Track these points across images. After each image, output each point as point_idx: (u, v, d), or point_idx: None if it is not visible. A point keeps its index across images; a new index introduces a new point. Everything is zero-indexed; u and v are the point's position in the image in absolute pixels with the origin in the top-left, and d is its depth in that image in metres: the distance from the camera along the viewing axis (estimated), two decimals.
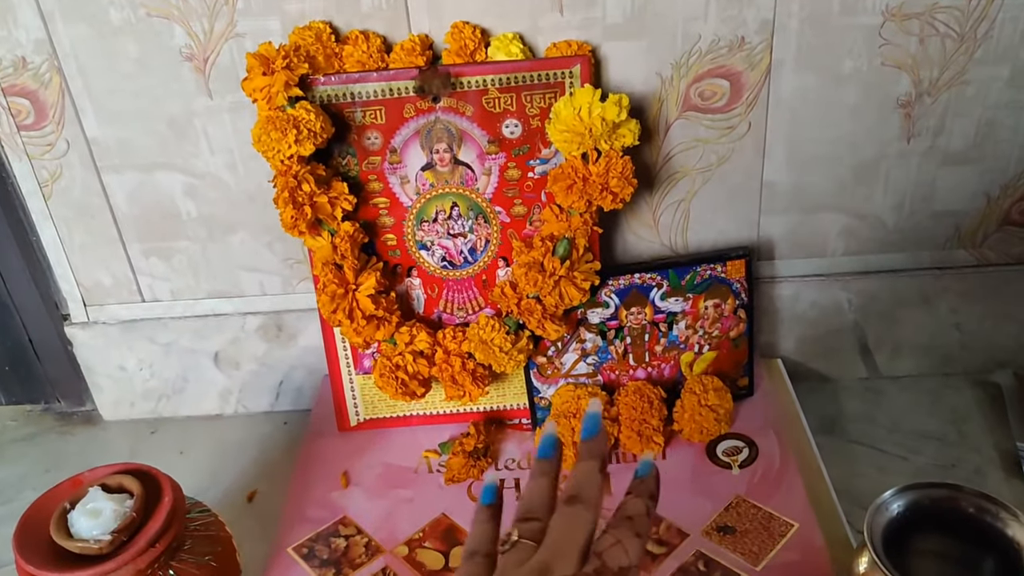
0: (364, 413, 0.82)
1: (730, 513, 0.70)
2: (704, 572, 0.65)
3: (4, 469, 0.88)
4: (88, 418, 0.94)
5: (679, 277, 0.76)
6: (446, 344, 0.75)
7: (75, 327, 0.88)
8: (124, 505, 0.59)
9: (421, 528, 0.72)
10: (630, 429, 0.75)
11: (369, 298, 0.72)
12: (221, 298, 0.86)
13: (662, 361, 0.79)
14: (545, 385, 0.79)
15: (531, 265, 0.71)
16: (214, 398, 0.91)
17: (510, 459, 0.78)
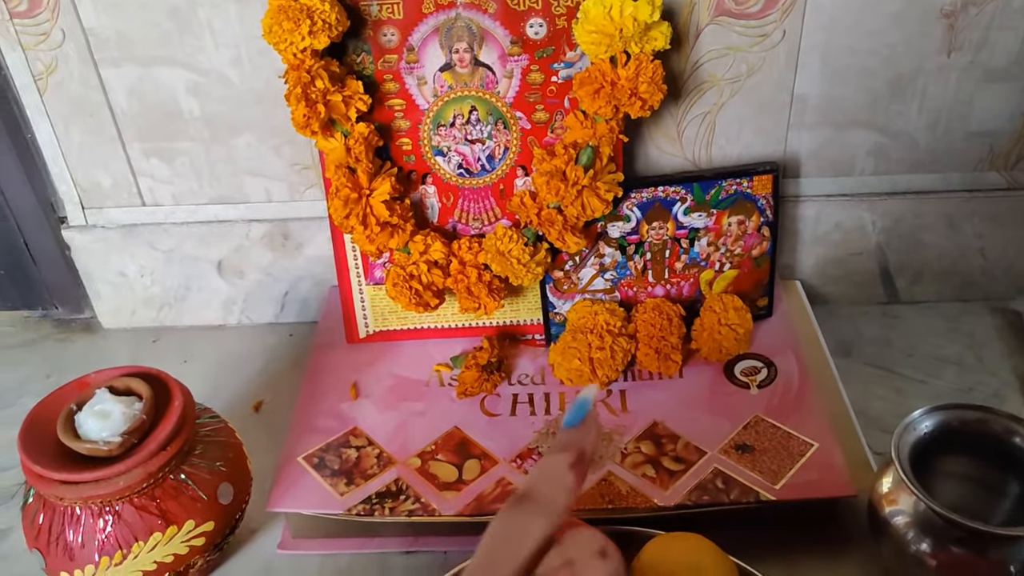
0: (374, 325, 0.79)
1: (748, 432, 0.69)
2: (722, 489, 0.64)
3: (3, 374, 0.86)
4: (87, 326, 0.92)
5: (704, 192, 0.74)
6: (461, 255, 0.73)
7: (73, 231, 0.85)
8: (133, 408, 0.57)
9: (433, 441, 0.70)
10: (648, 346, 0.74)
11: (383, 204, 0.69)
12: (225, 204, 0.83)
13: (682, 279, 0.77)
14: (561, 300, 0.77)
15: (553, 173, 0.68)
16: (217, 308, 0.89)
17: (523, 374, 0.77)
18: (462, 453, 0.69)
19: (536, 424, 0.71)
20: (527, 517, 0.35)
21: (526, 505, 0.36)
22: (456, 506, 0.65)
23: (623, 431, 0.70)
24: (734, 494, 0.64)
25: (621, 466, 0.67)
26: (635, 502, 0.64)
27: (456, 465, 0.68)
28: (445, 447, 0.70)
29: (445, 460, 0.69)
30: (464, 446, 0.70)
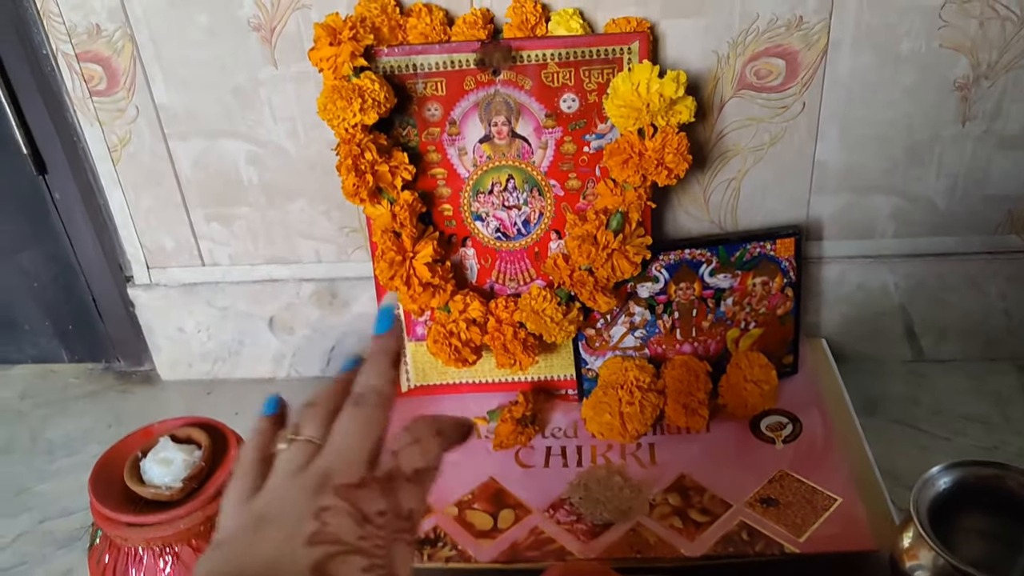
0: (415, 379, 0.84)
1: (773, 486, 0.72)
2: (748, 541, 0.67)
3: (69, 423, 0.92)
4: (147, 378, 0.98)
5: (729, 254, 0.77)
6: (498, 313, 0.77)
7: (138, 289, 0.91)
8: (193, 455, 0.62)
9: (471, 490, 0.74)
10: (676, 402, 0.77)
11: (426, 266, 0.74)
12: (278, 264, 0.89)
13: (708, 337, 0.81)
14: (593, 357, 0.81)
15: (584, 238, 0.73)
16: (268, 362, 0.94)
17: (557, 427, 0.80)
18: (497, 503, 0.72)
19: (568, 475, 0.75)
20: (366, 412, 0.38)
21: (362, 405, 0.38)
22: (491, 553, 0.68)
23: (652, 483, 0.73)
24: (759, 546, 0.66)
25: (649, 517, 0.70)
26: (663, 552, 0.66)
27: (492, 514, 0.71)
28: (481, 497, 0.73)
29: (481, 509, 0.72)
30: (499, 496, 0.73)
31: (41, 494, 0.83)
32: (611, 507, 0.71)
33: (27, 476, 0.85)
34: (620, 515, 0.70)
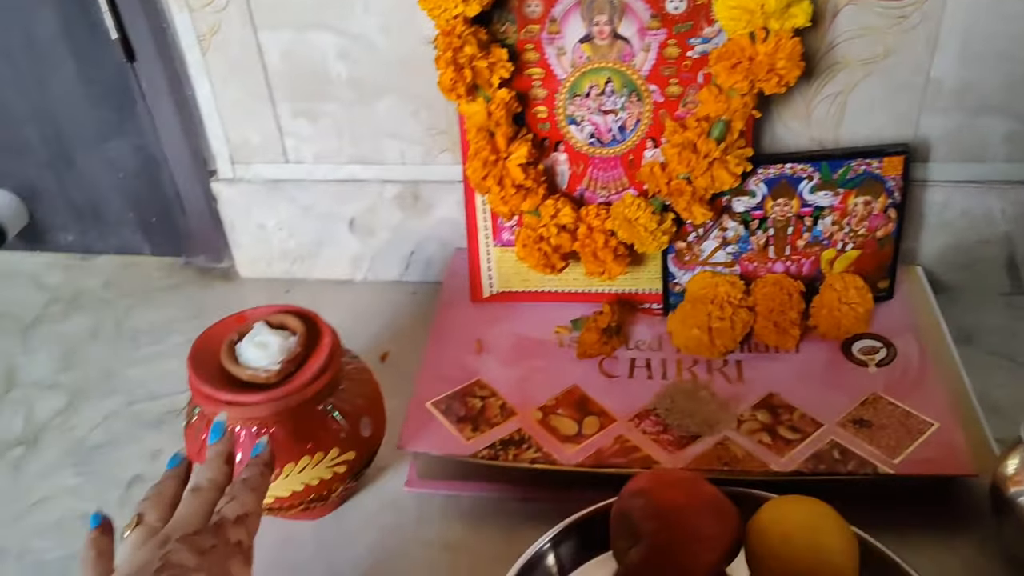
0: (498, 285, 0.83)
1: (866, 408, 0.70)
2: (839, 460, 0.66)
3: (152, 314, 0.93)
4: (226, 274, 0.98)
5: (832, 170, 0.74)
6: (589, 220, 0.76)
7: (221, 183, 0.91)
8: (288, 340, 0.62)
9: (554, 396, 0.73)
10: (767, 320, 0.75)
11: (519, 167, 0.72)
12: (362, 164, 0.87)
13: (802, 256, 0.78)
14: (681, 271, 0.79)
15: (685, 145, 0.71)
16: (346, 263, 0.94)
17: (641, 340, 0.79)
18: (582, 409, 0.72)
19: (653, 387, 0.74)
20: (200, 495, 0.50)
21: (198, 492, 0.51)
22: (576, 458, 0.68)
23: (739, 399, 0.72)
24: (851, 465, 0.65)
25: (737, 432, 0.69)
26: (751, 466, 0.66)
27: (576, 420, 0.71)
28: (565, 403, 0.73)
29: (565, 415, 0.72)
30: (583, 403, 0.73)
31: (128, 378, 0.85)
32: (698, 419, 0.70)
33: (114, 361, 0.87)
34: (707, 428, 0.69)
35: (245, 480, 0.52)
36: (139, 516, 0.50)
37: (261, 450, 0.55)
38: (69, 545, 0.69)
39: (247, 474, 0.53)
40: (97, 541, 0.50)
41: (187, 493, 0.51)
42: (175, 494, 0.52)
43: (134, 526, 0.49)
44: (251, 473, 0.53)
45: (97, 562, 0.49)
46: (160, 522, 0.50)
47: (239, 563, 0.47)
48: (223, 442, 0.55)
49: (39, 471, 0.76)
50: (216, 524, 0.48)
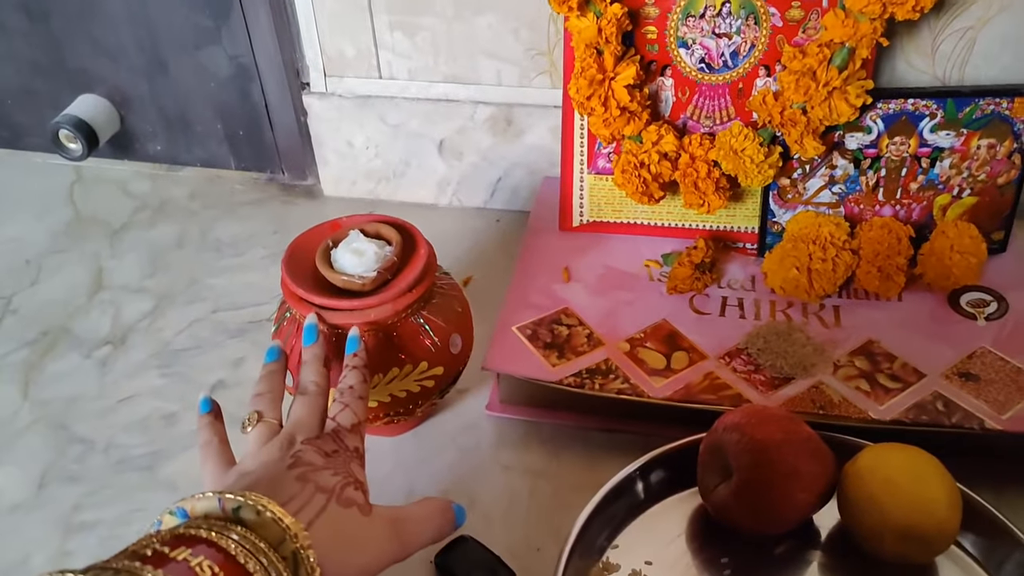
0: (588, 215, 0.81)
1: (973, 362, 0.67)
2: (943, 412, 0.63)
3: (236, 226, 0.94)
4: (309, 192, 0.98)
5: (957, 109, 0.70)
6: (692, 150, 0.73)
7: (312, 96, 0.90)
8: (384, 249, 0.61)
9: (642, 329, 0.71)
10: (871, 264, 0.72)
11: (625, 89, 0.69)
12: (456, 83, 0.85)
13: (914, 200, 0.74)
14: (782, 210, 0.76)
15: (804, 72, 0.67)
16: (432, 187, 0.93)
17: (733, 279, 0.76)
18: (670, 344, 0.70)
19: (745, 327, 0.71)
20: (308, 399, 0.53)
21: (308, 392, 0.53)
22: (664, 391, 0.66)
23: (836, 345, 0.69)
24: (956, 418, 0.62)
25: (833, 376, 0.66)
26: (847, 412, 0.63)
27: (664, 354, 0.69)
28: (654, 336, 0.71)
29: (654, 348, 0.70)
30: (673, 338, 0.71)
31: (212, 287, 0.85)
32: (792, 361, 0.68)
33: (199, 269, 0.88)
34: (801, 370, 0.67)
35: (352, 388, 0.53)
36: (258, 413, 0.52)
37: (356, 348, 0.56)
38: (153, 442, 0.70)
39: (352, 381, 0.54)
40: (214, 426, 0.54)
41: (297, 396, 0.53)
42: (282, 388, 0.55)
43: (255, 423, 0.51)
44: (355, 380, 0.54)
45: (221, 449, 0.52)
46: (277, 421, 0.52)
47: (357, 466, 0.50)
48: (318, 345, 0.57)
49: (125, 370, 0.77)
50: (335, 431, 0.51)
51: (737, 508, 0.57)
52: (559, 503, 0.64)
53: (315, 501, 0.45)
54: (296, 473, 0.46)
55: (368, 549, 0.46)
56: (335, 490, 0.46)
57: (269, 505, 0.42)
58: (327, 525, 0.44)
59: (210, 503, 0.42)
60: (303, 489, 0.45)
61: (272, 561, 0.40)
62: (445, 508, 0.52)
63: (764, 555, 0.58)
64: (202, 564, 0.38)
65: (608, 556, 0.58)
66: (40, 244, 0.92)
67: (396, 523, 0.49)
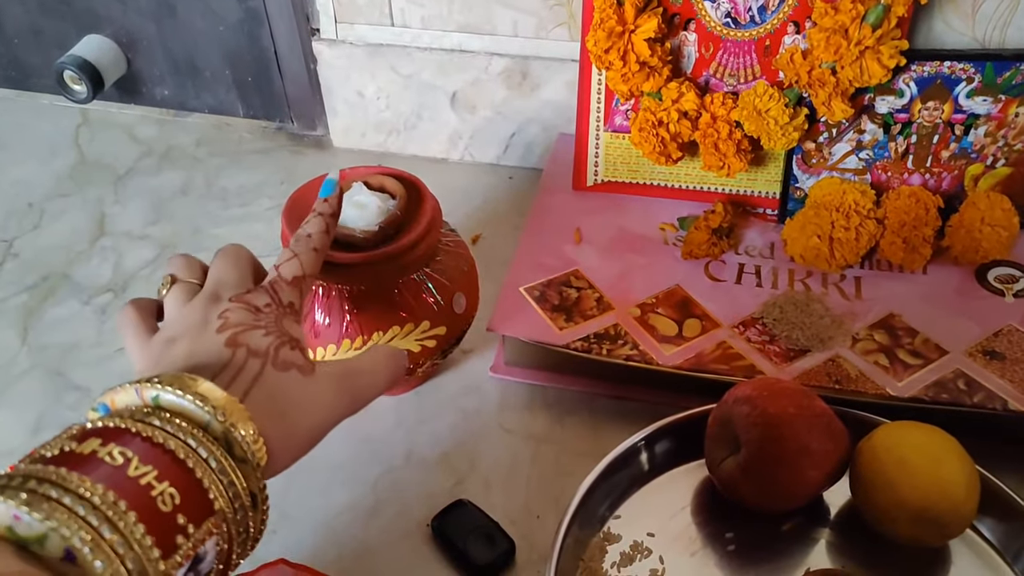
0: (603, 174, 0.78)
1: (999, 340, 0.64)
2: (965, 391, 0.60)
3: (242, 176, 0.91)
4: (318, 143, 0.96)
5: (996, 73, 0.66)
6: (714, 109, 0.69)
7: (323, 43, 0.87)
8: (387, 203, 0.59)
9: (654, 295, 0.69)
10: (896, 235, 0.69)
11: (646, 42, 0.66)
12: (471, 33, 0.82)
13: (944, 169, 0.71)
14: (805, 175, 0.73)
15: (835, 29, 0.63)
16: (443, 141, 0.90)
17: (751, 246, 0.74)
18: (683, 311, 0.68)
19: (762, 296, 0.69)
20: None
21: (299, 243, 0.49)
22: (675, 359, 0.63)
23: (855, 317, 0.67)
24: (978, 397, 0.59)
25: (851, 350, 0.64)
26: (865, 387, 0.61)
27: (676, 321, 0.67)
28: (666, 302, 0.68)
29: (665, 315, 0.67)
30: (685, 304, 0.68)
31: (216, 236, 0.83)
32: (808, 333, 0.65)
33: (203, 218, 0.86)
34: (818, 343, 0.64)
35: (309, 236, 0.49)
36: (171, 276, 0.47)
37: (330, 191, 0.51)
38: None
39: (311, 228, 0.49)
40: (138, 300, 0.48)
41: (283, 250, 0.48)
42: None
43: (169, 285, 0.47)
44: (315, 228, 0.49)
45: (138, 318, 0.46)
46: (197, 280, 0.47)
47: (293, 324, 0.45)
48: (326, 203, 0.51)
49: None
50: (271, 282, 0.46)
51: (744, 483, 0.55)
52: (561, 470, 0.62)
53: (248, 367, 0.41)
54: (225, 337, 0.42)
55: (315, 410, 0.43)
56: (269, 352, 0.42)
57: (191, 385, 0.38)
58: (265, 393, 0.40)
59: (128, 395, 0.39)
60: (234, 355, 0.41)
61: (201, 441, 0.37)
62: (395, 353, 0.49)
63: (770, 531, 0.57)
64: (112, 452, 0.34)
65: (609, 526, 0.57)
66: (44, 187, 0.90)
67: (344, 378, 0.45)
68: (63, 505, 0.32)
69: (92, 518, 0.32)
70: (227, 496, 0.37)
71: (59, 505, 0.32)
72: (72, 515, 0.32)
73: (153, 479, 0.34)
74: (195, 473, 0.36)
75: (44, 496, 0.32)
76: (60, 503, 0.32)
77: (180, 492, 0.35)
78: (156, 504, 0.34)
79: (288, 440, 0.41)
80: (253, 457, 0.39)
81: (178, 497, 0.35)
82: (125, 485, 0.34)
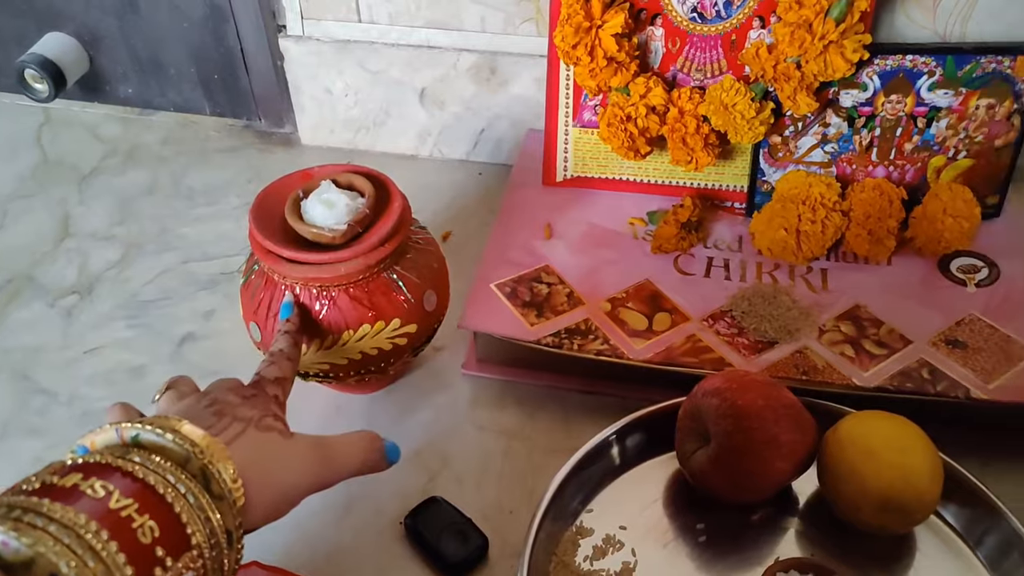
0: (573, 169, 0.78)
1: (961, 329, 0.65)
2: (928, 380, 0.61)
3: (209, 175, 0.90)
4: (287, 140, 0.95)
5: (957, 66, 0.67)
6: (681, 104, 0.70)
7: (289, 40, 0.86)
8: (356, 201, 0.58)
9: (624, 289, 0.69)
10: (861, 227, 0.70)
11: (613, 38, 0.66)
12: (439, 29, 0.82)
13: (908, 162, 0.72)
14: (772, 168, 0.74)
15: (799, 24, 0.64)
16: (412, 137, 0.89)
17: (720, 240, 0.74)
18: (653, 305, 0.68)
19: (730, 289, 0.69)
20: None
21: None
22: (645, 353, 0.64)
23: (822, 309, 0.67)
24: (941, 386, 0.61)
25: (818, 341, 0.65)
26: (831, 377, 0.62)
27: (646, 315, 0.67)
28: (636, 297, 0.69)
29: (635, 309, 0.68)
30: (655, 299, 0.69)
31: (183, 236, 0.83)
32: (776, 325, 0.66)
33: (169, 218, 0.85)
34: (786, 334, 0.65)
35: (282, 351, 0.54)
36: (167, 383, 0.50)
37: (289, 314, 0.56)
38: (119, 396, 0.65)
39: (282, 344, 0.54)
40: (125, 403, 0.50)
41: None
42: None
43: (164, 391, 0.49)
44: (285, 344, 0.54)
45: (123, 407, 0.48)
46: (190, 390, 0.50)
47: (277, 408, 0.49)
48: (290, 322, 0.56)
49: (92, 321, 0.75)
50: (255, 380, 0.51)
51: (714, 475, 0.55)
52: (534, 465, 0.62)
53: (232, 427, 0.44)
54: (213, 409, 0.45)
55: (291, 469, 0.45)
56: (253, 419, 0.45)
57: (172, 425, 0.40)
58: (245, 446, 0.43)
59: (108, 435, 0.40)
60: (219, 420, 0.44)
61: (179, 477, 0.38)
62: (373, 438, 0.51)
63: (741, 521, 0.57)
64: (94, 485, 0.35)
65: (582, 520, 0.57)
66: (6, 188, 0.89)
67: (320, 447, 0.48)
68: (48, 533, 0.33)
69: (76, 547, 0.33)
70: (204, 531, 0.38)
71: (45, 532, 0.33)
72: (58, 542, 0.33)
73: (134, 512, 0.35)
74: (174, 508, 0.37)
75: (30, 524, 0.33)
76: (46, 531, 0.33)
77: (159, 526, 0.36)
78: (137, 536, 0.35)
79: (265, 490, 0.43)
80: (230, 495, 0.40)
81: (157, 530, 0.36)
82: (107, 517, 0.34)
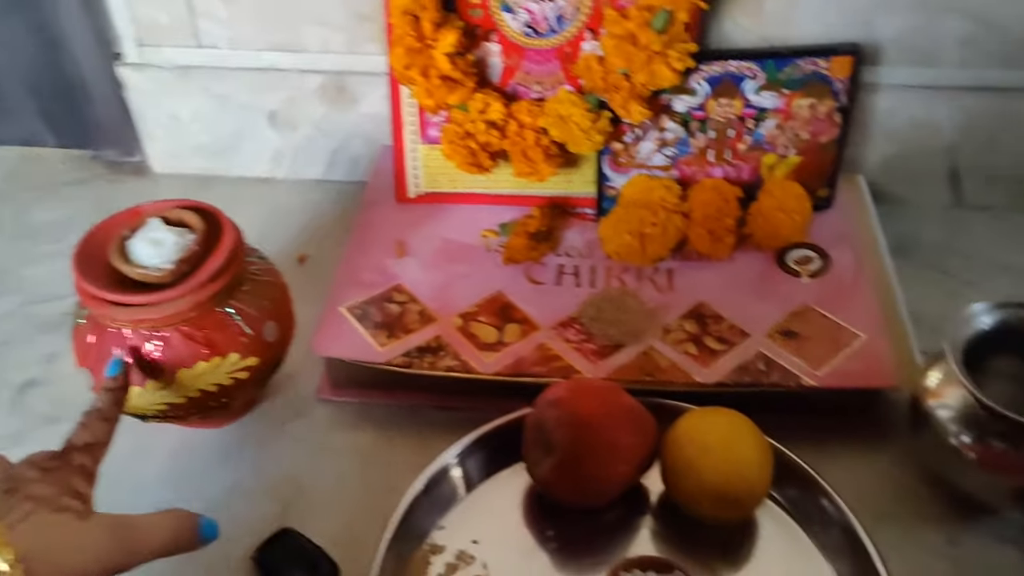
0: (424, 185, 0.78)
1: (795, 319, 0.68)
2: (764, 371, 0.64)
3: (55, 210, 0.87)
4: (138, 169, 0.92)
5: (777, 69, 0.70)
6: (520, 117, 0.71)
7: (128, 68, 0.83)
8: (185, 238, 0.57)
9: (476, 303, 0.70)
10: (702, 227, 0.72)
11: (446, 57, 0.67)
12: (282, 51, 0.81)
13: (743, 161, 0.75)
14: (617, 174, 0.76)
15: (624, 36, 0.66)
16: (267, 160, 0.88)
17: (571, 247, 0.76)
18: (504, 316, 0.69)
19: (580, 295, 0.71)
20: None
21: None
22: (495, 366, 0.65)
23: (668, 309, 0.70)
24: (775, 377, 0.63)
25: (663, 342, 0.67)
26: (674, 377, 0.64)
27: (497, 328, 0.68)
28: (487, 310, 0.70)
29: (487, 322, 0.69)
30: (506, 310, 0.70)
31: (26, 277, 0.79)
32: (623, 329, 0.68)
33: (11, 258, 0.81)
34: (632, 338, 0.67)
35: (99, 409, 0.53)
36: None
37: (116, 372, 0.55)
38: None
39: (100, 403, 0.53)
40: None
41: None
42: None
43: None
44: (104, 402, 0.53)
45: None
46: None
47: (80, 481, 0.49)
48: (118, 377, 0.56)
49: None
50: (63, 449, 0.50)
51: (559, 482, 0.57)
52: (389, 487, 0.62)
53: (20, 508, 0.44)
54: (4, 487, 0.46)
55: (84, 551, 0.45)
56: (46, 498, 0.46)
57: None
58: (32, 529, 0.44)
59: None
60: (8, 500, 0.45)
61: None
62: (184, 517, 0.50)
63: (593, 525, 0.59)
64: None
65: (434, 538, 0.57)
66: None
67: (120, 529, 0.47)
68: None
69: None
70: None
71: None
72: None
73: None
74: None
75: None
76: None
77: None
78: None
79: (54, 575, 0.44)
80: None
81: None
82: None
